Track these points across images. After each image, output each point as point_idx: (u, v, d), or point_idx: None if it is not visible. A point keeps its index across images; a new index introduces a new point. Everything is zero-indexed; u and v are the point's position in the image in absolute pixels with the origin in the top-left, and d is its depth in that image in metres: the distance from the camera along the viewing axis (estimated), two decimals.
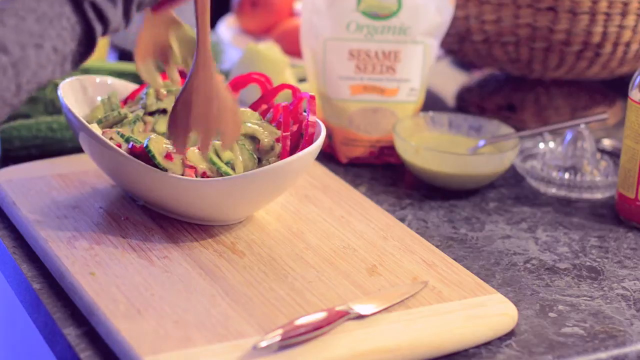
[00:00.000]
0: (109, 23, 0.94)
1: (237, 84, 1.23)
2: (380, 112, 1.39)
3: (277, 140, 1.15)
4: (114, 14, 0.94)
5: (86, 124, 1.13)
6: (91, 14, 0.92)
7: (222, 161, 1.12)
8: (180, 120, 1.06)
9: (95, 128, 1.15)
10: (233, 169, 1.12)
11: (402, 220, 1.24)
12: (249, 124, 1.15)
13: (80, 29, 0.92)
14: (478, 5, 1.44)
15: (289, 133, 1.15)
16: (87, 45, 0.93)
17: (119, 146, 1.12)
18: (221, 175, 1.11)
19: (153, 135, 1.12)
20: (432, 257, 1.12)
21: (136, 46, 1.14)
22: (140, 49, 1.14)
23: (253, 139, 1.15)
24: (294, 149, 1.15)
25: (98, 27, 0.93)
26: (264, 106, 1.21)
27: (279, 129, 1.16)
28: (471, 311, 1.03)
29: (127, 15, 0.95)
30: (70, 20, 0.91)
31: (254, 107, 1.21)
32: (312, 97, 1.16)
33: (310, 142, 1.13)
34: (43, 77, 0.90)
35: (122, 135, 1.14)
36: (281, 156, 1.14)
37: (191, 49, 1.14)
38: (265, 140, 1.14)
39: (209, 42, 1.05)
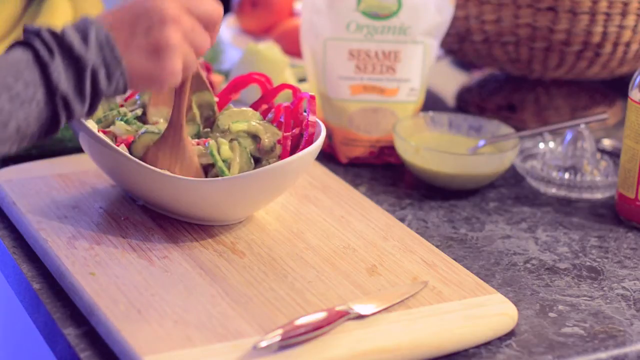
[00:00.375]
0: (73, 115, 0.97)
1: (238, 84, 1.23)
2: (380, 112, 1.39)
3: (279, 141, 1.15)
4: (80, 110, 0.97)
5: (86, 124, 1.13)
6: (60, 105, 0.95)
7: (220, 158, 1.12)
8: (151, 158, 1.13)
9: (93, 126, 1.15)
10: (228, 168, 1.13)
11: (402, 220, 1.24)
12: (253, 123, 1.15)
13: (46, 116, 0.95)
14: (478, 5, 1.44)
15: (290, 133, 1.15)
16: (47, 130, 0.97)
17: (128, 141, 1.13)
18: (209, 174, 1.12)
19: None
20: (432, 257, 1.12)
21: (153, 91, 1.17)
22: (156, 95, 1.17)
23: (255, 137, 1.15)
24: (294, 149, 1.15)
25: (63, 117, 0.96)
26: (265, 106, 1.21)
27: (279, 129, 1.16)
28: (471, 311, 1.03)
29: (92, 109, 0.99)
30: (39, 105, 0.94)
31: (254, 107, 1.21)
32: (312, 97, 1.16)
33: (310, 142, 1.13)
34: (1, 151, 0.95)
35: (126, 120, 1.15)
36: (281, 156, 1.14)
37: (208, 113, 1.19)
38: (267, 140, 1.14)
39: (183, 115, 1.12)
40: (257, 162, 1.15)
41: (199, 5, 1.01)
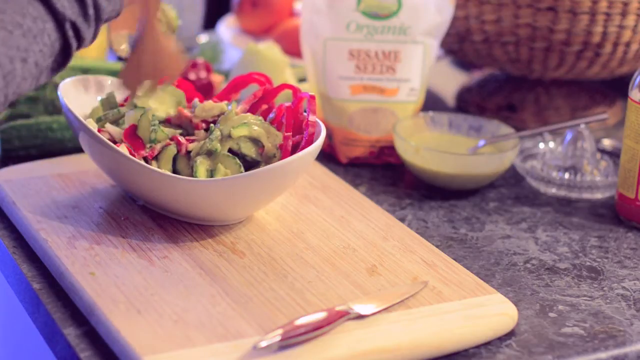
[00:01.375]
0: (83, 41, 0.99)
1: (238, 84, 1.23)
2: (380, 112, 1.39)
3: (280, 146, 1.15)
4: (89, 33, 0.99)
5: (86, 124, 1.13)
6: (70, 33, 0.97)
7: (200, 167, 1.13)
8: (133, 73, 1.12)
9: (93, 126, 1.15)
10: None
11: (402, 220, 1.24)
12: (255, 127, 1.15)
13: (59, 45, 0.97)
14: (478, 5, 1.44)
15: (291, 133, 1.15)
16: (61, 61, 0.98)
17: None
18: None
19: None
20: (432, 257, 1.12)
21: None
22: (116, 21, 1.16)
23: (256, 142, 1.15)
24: (294, 149, 1.15)
25: (74, 45, 0.98)
26: (265, 106, 1.21)
27: (279, 129, 1.16)
28: (471, 311, 1.03)
29: (96, 33, 1.00)
30: (51, 37, 0.96)
31: (255, 107, 1.21)
32: (312, 97, 1.16)
33: (310, 142, 1.13)
34: (23, 89, 0.95)
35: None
36: (282, 156, 1.14)
37: (168, 28, 1.19)
38: (269, 145, 1.14)
39: (155, 10, 1.11)
40: (256, 164, 1.14)
41: None
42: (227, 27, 1.84)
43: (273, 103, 1.21)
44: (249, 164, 1.15)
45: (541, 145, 1.41)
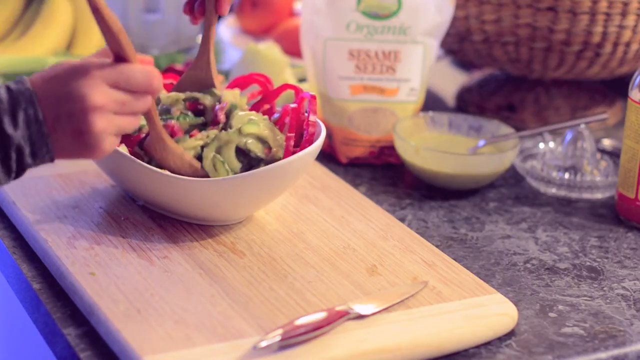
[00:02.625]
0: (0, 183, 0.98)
1: (238, 85, 1.23)
2: (380, 112, 1.39)
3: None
4: (6, 180, 0.98)
5: None
6: None
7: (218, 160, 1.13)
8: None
9: None
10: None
11: (402, 220, 1.24)
12: (263, 128, 1.14)
13: None
14: (478, 5, 1.44)
15: (293, 134, 1.15)
16: None
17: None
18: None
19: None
20: (432, 257, 1.12)
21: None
22: None
23: (263, 142, 1.14)
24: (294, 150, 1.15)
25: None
26: (266, 106, 1.21)
27: (282, 130, 1.16)
28: (471, 311, 1.03)
29: (18, 177, 0.99)
30: None
31: (256, 107, 1.21)
32: (313, 97, 1.16)
33: (310, 141, 1.13)
34: None
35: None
36: (284, 156, 1.14)
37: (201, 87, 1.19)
38: (274, 149, 1.14)
39: (159, 127, 1.11)
40: (256, 164, 1.14)
41: (128, 78, 0.97)
42: (227, 27, 1.84)
43: (274, 103, 1.21)
44: (249, 164, 1.15)
45: (541, 145, 1.41)
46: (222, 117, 1.15)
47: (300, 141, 1.15)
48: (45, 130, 0.96)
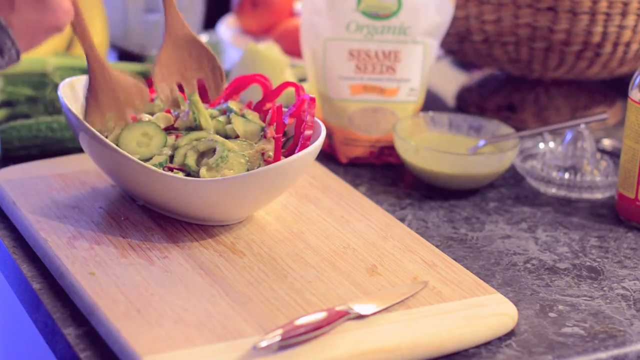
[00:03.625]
0: None
1: (239, 85, 1.23)
2: (380, 112, 1.39)
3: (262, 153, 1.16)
4: None
5: (86, 124, 1.13)
6: None
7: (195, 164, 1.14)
8: (96, 114, 1.16)
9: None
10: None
11: (402, 220, 1.24)
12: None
13: None
14: (478, 5, 1.44)
15: (281, 135, 1.15)
16: None
17: None
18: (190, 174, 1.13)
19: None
20: (432, 257, 1.12)
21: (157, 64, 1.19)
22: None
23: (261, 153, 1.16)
24: (292, 150, 1.15)
25: None
26: (268, 105, 1.21)
27: (280, 130, 1.16)
28: (471, 311, 1.03)
29: None
30: None
31: (258, 107, 1.21)
32: (312, 99, 1.16)
33: (305, 144, 1.13)
34: None
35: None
36: (274, 157, 1.13)
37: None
38: (270, 154, 1.14)
39: (90, 47, 1.14)
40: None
41: None
42: (227, 27, 1.84)
43: (275, 102, 1.21)
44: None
45: (541, 145, 1.41)
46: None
47: (291, 143, 1.15)
48: (2, 23, 0.96)
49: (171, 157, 1.14)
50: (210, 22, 1.92)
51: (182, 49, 1.18)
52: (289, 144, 1.16)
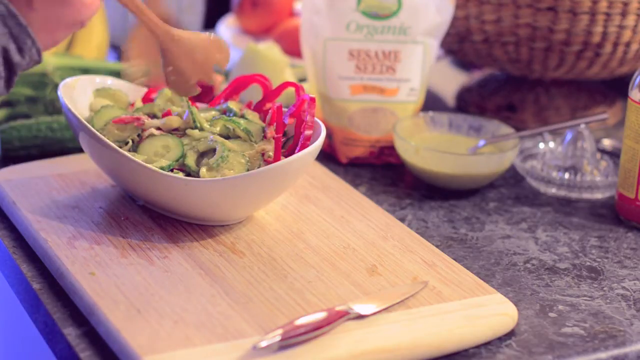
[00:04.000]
0: None
1: (238, 85, 1.23)
2: (380, 112, 1.39)
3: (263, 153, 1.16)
4: None
5: (86, 124, 1.13)
6: None
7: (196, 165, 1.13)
8: (180, 83, 1.14)
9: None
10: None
11: (402, 220, 1.24)
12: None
13: None
14: (478, 5, 1.44)
15: (281, 135, 1.15)
16: None
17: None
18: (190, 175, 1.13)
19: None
20: (432, 257, 1.12)
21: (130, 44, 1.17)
22: (131, 52, 1.17)
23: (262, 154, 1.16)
24: (292, 150, 1.15)
25: None
26: (268, 105, 1.21)
27: (280, 130, 1.16)
28: (471, 311, 1.03)
29: (9, 85, 0.96)
30: None
31: (258, 107, 1.21)
32: (312, 99, 1.16)
33: (305, 144, 1.13)
34: None
35: None
36: (274, 157, 1.13)
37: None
38: (270, 154, 1.14)
39: (152, 21, 1.11)
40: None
41: None
42: (227, 27, 1.84)
43: (275, 102, 1.21)
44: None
45: (541, 145, 1.41)
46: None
47: (291, 143, 1.15)
48: (22, 19, 0.94)
49: None
50: (210, 22, 1.93)
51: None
52: (289, 144, 1.16)
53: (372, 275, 1.08)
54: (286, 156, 1.13)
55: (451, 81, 1.71)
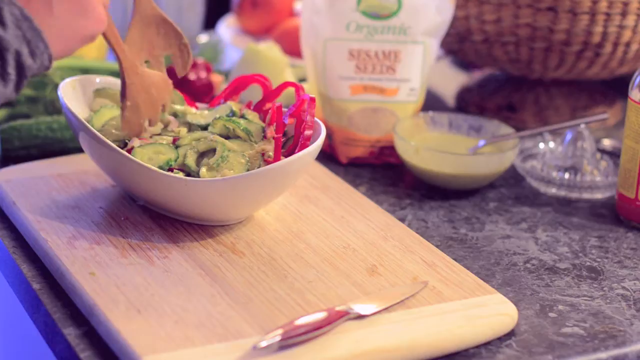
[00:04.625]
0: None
1: (238, 85, 1.23)
2: (380, 112, 1.39)
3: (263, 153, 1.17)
4: (3, 91, 0.95)
5: (86, 124, 1.13)
6: None
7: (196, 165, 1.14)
8: (134, 119, 1.17)
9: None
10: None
11: (402, 220, 1.24)
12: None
13: None
14: (478, 5, 1.44)
15: (281, 135, 1.15)
16: None
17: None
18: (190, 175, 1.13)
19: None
20: (432, 257, 1.12)
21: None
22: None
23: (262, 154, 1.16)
24: (292, 150, 1.15)
25: None
26: (268, 105, 1.21)
27: (279, 130, 1.16)
28: (471, 311, 1.03)
29: (18, 88, 0.96)
30: None
31: (258, 107, 1.21)
32: (312, 99, 1.16)
33: (305, 144, 1.13)
34: None
35: None
36: (274, 157, 1.13)
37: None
38: (270, 154, 1.14)
39: (123, 52, 1.16)
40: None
41: None
42: (227, 27, 1.84)
43: (275, 102, 1.21)
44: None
45: (541, 145, 1.41)
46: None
47: (291, 143, 1.15)
48: (36, 24, 0.95)
49: None
50: (210, 22, 1.92)
51: (151, 26, 1.19)
52: (289, 144, 1.16)
53: (372, 275, 1.08)
54: (286, 156, 1.13)
55: (451, 81, 1.71)
